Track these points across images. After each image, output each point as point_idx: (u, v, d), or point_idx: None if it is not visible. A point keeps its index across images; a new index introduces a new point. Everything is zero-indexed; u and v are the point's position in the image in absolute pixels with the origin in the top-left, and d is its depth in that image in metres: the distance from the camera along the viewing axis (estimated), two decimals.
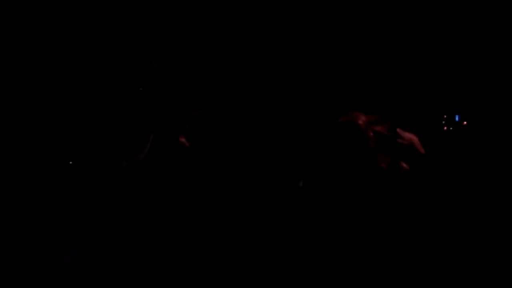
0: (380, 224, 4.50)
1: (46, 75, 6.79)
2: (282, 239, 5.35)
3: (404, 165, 4.55)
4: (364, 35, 6.96)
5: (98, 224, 5.39)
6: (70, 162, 5.74)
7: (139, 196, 5.13)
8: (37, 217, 5.32)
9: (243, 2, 6.97)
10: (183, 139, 5.13)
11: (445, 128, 6.57)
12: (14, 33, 6.77)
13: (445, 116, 6.59)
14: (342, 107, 5.72)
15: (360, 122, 4.45)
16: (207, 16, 6.93)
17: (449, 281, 4.96)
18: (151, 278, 4.91)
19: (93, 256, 5.17)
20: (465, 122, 6.59)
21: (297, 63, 7.01)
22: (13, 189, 5.55)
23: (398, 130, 4.68)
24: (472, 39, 6.73)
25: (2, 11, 6.73)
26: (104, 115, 6.53)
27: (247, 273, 5.25)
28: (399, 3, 6.90)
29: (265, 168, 6.42)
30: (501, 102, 6.57)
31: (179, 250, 4.97)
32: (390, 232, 4.55)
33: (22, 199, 5.49)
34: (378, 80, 6.77)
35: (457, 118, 6.60)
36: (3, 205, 5.47)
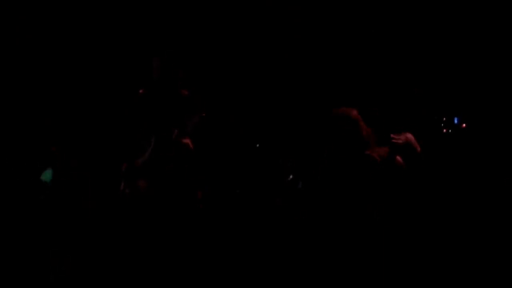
0: (378, 223, 4.51)
1: (46, 75, 6.80)
2: (281, 239, 5.36)
3: (399, 159, 4.57)
4: (363, 35, 6.97)
5: (98, 226, 5.40)
6: (70, 164, 5.74)
7: (139, 197, 5.13)
8: (35, 217, 5.34)
9: (243, 2, 6.97)
10: (187, 141, 5.13)
11: (444, 130, 6.58)
12: (14, 33, 6.77)
13: (444, 119, 6.60)
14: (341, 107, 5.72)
15: (353, 115, 4.46)
16: (207, 16, 6.94)
17: (448, 280, 4.97)
18: (151, 279, 4.93)
19: (92, 258, 5.19)
20: (464, 125, 6.60)
21: (297, 63, 7.02)
22: (13, 189, 5.56)
23: (394, 129, 4.72)
24: (472, 40, 6.74)
25: (2, 11, 6.73)
26: (105, 116, 6.54)
27: (246, 273, 5.27)
28: (399, 3, 6.91)
29: (264, 169, 6.44)
30: (500, 104, 6.58)
31: (179, 250, 4.98)
32: (389, 231, 4.56)
33: (21, 199, 5.50)
34: (377, 81, 6.78)
35: (456, 121, 6.62)
36: (2, 206, 5.49)
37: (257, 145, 6.39)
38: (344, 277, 4.42)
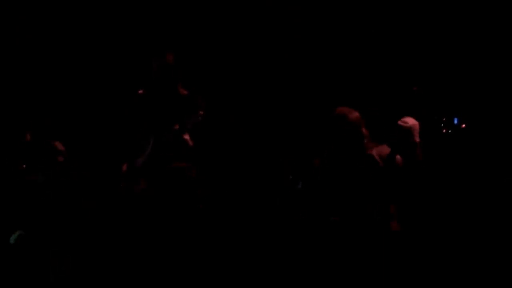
0: (378, 222, 4.51)
1: (46, 75, 6.80)
2: (281, 239, 5.35)
3: (399, 159, 4.57)
4: (364, 35, 6.97)
5: (98, 225, 5.40)
6: (69, 164, 5.73)
7: (139, 197, 5.14)
8: (35, 217, 5.33)
9: (243, 2, 6.97)
10: (187, 137, 5.15)
11: (444, 130, 6.58)
12: (14, 33, 6.77)
13: (444, 119, 6.60)
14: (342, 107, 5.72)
15: (353, 116, 4.47)
16: (207, 16, 6.94)
17: (449, 280, 4.97)
18: (151, 278, 4.93)
19: (92, 258, 5.19)
20: (463, 125, 6.60)
21: (297, 63, 7.02)
22: (12, 189, 5.56)
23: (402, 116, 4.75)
24: (472, 40, 6.74)
25: (2, 11, 6.73)
26: (105, 116, 6.54)
27: (246, 273, 5.26)
28: (399, 3, 6.91)
29: (264, 169, 6.43)
30: (500, 104, 6.58)
31: (179, 250, 4.98)
32: (389, 230, 4.57)
33: (21, 199, 5.49)
34: (378, 81, 6.78)
35: (456, 121, 6.61)
36: (2, 206, 5.48)
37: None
38: (344, 277, 4.42)
